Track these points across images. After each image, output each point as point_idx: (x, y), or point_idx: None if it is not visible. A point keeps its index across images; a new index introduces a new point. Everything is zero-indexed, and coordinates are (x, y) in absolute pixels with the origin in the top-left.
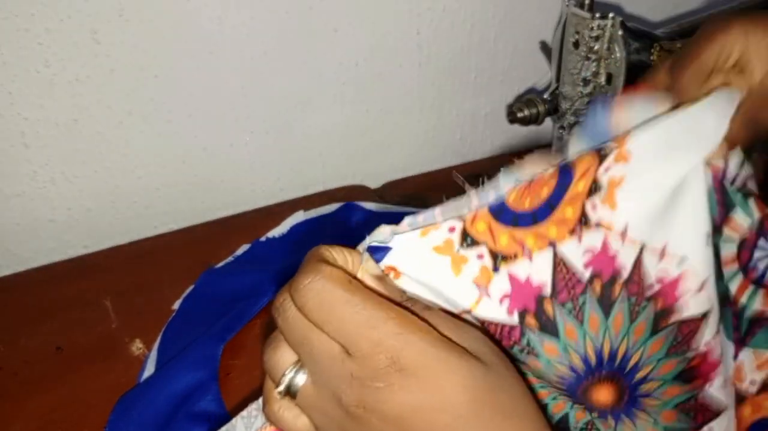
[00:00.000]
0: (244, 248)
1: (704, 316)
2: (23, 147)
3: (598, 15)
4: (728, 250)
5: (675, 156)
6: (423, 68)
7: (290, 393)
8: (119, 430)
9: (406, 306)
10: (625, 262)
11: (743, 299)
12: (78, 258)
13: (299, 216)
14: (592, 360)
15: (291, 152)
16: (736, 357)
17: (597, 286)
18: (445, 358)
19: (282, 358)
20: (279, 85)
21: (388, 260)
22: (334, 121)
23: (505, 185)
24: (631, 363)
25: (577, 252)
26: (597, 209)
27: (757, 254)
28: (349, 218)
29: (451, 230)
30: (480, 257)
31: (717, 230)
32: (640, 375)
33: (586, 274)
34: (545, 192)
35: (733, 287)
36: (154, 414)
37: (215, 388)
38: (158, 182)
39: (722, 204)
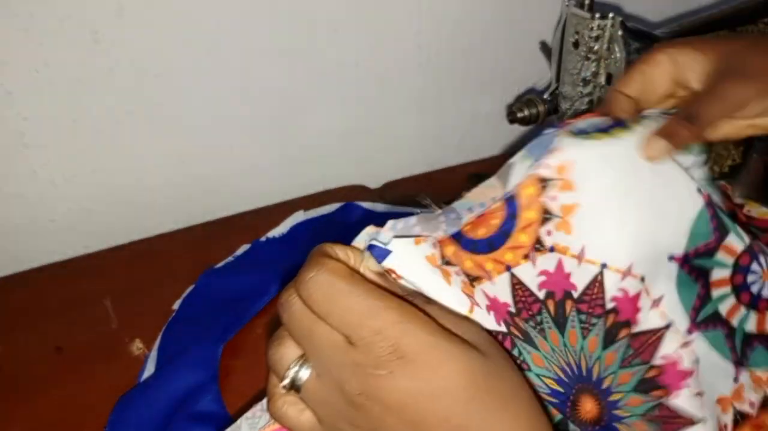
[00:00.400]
0: (244, 248)
1: (661, 330)
2: (23, 147)
3: (598, 15)
4: (721, 273)
5: (620, 185)
6: (423, 68)
7: (294, 387)
8: (119, 430)
9: (407, 299)
10: (579, 281)
11: (734, 321)
12: (78, 258)
13: (299, 216)
14: (568, 371)
15: (291, 152)
16: (737, 379)
17: (551, 305)
18: (444, 346)
19: (286, 353)
20: (279, 85)
21: (388, 263)
22: (334, 121)
23: (461, 212)
24: (595, 374)
25: (531, 274)
26: (552, 235)
27: (750, 277)
28: (349, 218)
29: (434, 245)
30: (458, 273)
31: (710, 252)
32: (605, 385)
33: (541, 294)
34: (497, 222)
35: (724, 308)
36: (154, 414)
37: (215, 388)
38: (158, 182)
39: (717, 229)
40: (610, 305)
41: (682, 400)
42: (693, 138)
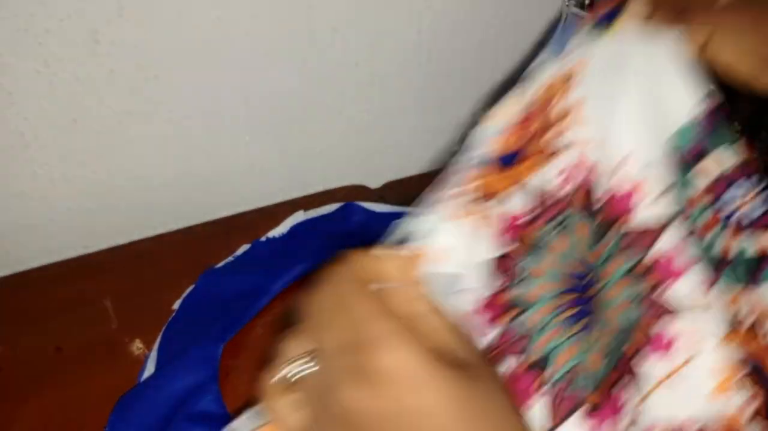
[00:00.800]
0: (244, 248)
1: (655, 226)
2: (23, 147)
3: None
4: (699, 185)
5: (627, 71)
6: (423, 68)
7: (285, 381)
8: (119, 430)
9: (411, 312)
10: (582, 176)
11: (708, 237)
12: (78, 258)
13: (299, 216)
14: (574, 276)
15: (291, 152)
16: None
17: (577, 200)
18: (429, 367)
19: (292, 347)
20: (279, 85)
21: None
22: (334, 121)
23: (484, 139)
24: (591, 261)
25: (551, 174)
26: (567, 133)
27: (732, 191)
28: (349, 218)
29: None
30: (483, 215)
31: (686, 165)
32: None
33: (564, 191)
34: (515, 137)
35: (699, 223)
36: (154, 414)
37: (215, 388)
38: (158, 182)
39: (702, 140)
40: (599, 204)
41: (670, 292)
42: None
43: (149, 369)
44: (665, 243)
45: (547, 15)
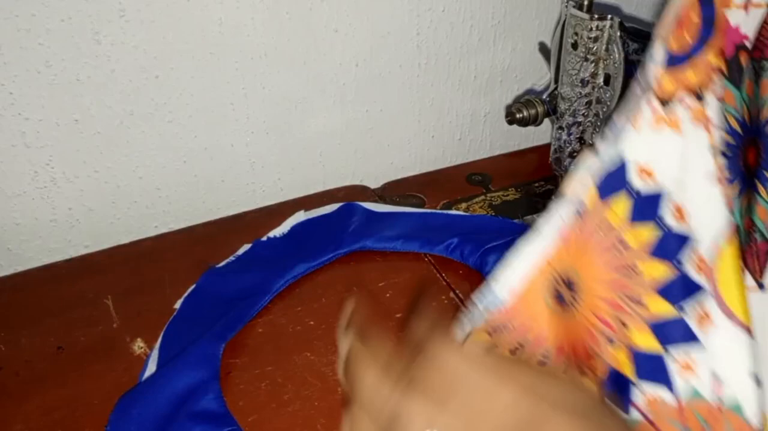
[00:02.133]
0: (245, 247)
1: None
2: (24, 147)
3: (596, 16)
4: None
5: None
6: (423, 68)
7: None
8: (120, 429)
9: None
10: (750, 26)
11: None
12: (79, 258)
13: (300, 216)
14: (753, 120)
15: (291, 152)
16: None
17: (723, 64)
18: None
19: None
20: (279, 86)
21: (634, 164)
22: (334, 121)
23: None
24: (764, 118)
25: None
26: None
27: None
28: (349, 218)
29: (649, 104)
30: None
31: None
32: None
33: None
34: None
35: None
36: (155, 413)
37: (216, 387)
38: (159, 181)
39: None
40: None
41: None
42: None
43: (150, 368)
44: None
45: (547, 16)
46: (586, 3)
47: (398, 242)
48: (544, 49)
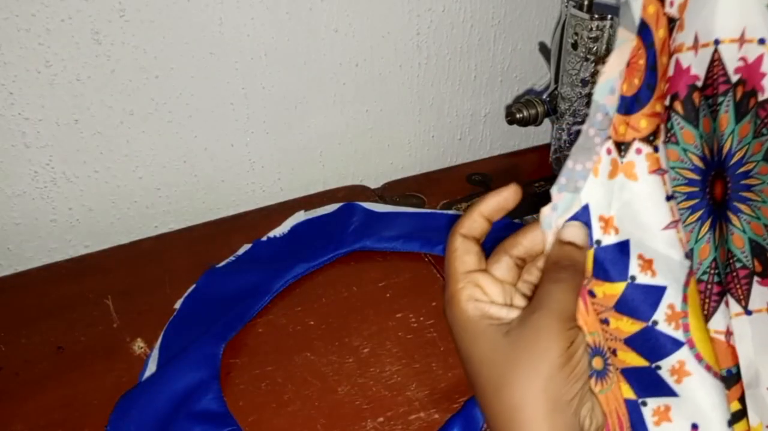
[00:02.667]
0: (245, 247)
1: None
2: (24, 147)
3: (596, 16)
4: None
5: None
6: (423, 68)
7: None
8: (120, 429)
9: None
10: (699, 69)
11: None
12: (79, 258)
13: (300, 216)
14: (714, 154)
15: (291, 152)
16: None
17: (677, 106)
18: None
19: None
20: (279, 86)
21: (595, 213)
22: (334, 121)
23: (605, 105)
24: (725, 150)
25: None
26: (673, 38)
27: None
28: (349, 218)
29: (608, 151)
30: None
31: None
32: (736, 158)
33: (734, 78)
34: (642, 63)
35: None
36: (155, 413)
37: (216, 387)
38: (159, 181)
39: None
40: (734, 78)
41: None
42: None
43: (150, 368)
44: None
45: (547, 16)
46: (586, 3)
47: (398, 242)
48: (544, 49)
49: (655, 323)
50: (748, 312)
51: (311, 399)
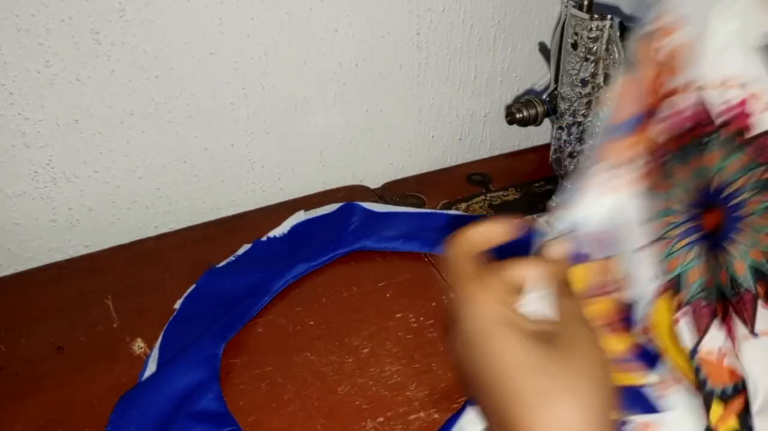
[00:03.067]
0: (245, 247)
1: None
2: (24, 147)
3: (596, 16)
4: None
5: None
6: (423, 68)
7: None
8: (120, 429)
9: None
10: (687, 110)
11: None
12: (79, 258)
13: (300, 216)
14: (704, 190)
15: (291, 152)
16: None
17: (671, 144)
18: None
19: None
20: (279, 86)
21: (585, 228)
22: (334, 121)
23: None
24: (715, 185)
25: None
26: (666, 81)
27: None
28: (349, 218)
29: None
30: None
31: None
32: (727, 192)
33: (719, 120)
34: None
35: None
36: (155, 412)
37: (216, 387)
38: (159, 182)
39: None
40: (719, 120)
41: None
42: None
43: (150, 367)
44: None
45: (547, 16)
46: (586, 3)
47: (398, 242)
48: (544, 49)
49: (640, 337)
50: (755, 334)
51: (311, 399)
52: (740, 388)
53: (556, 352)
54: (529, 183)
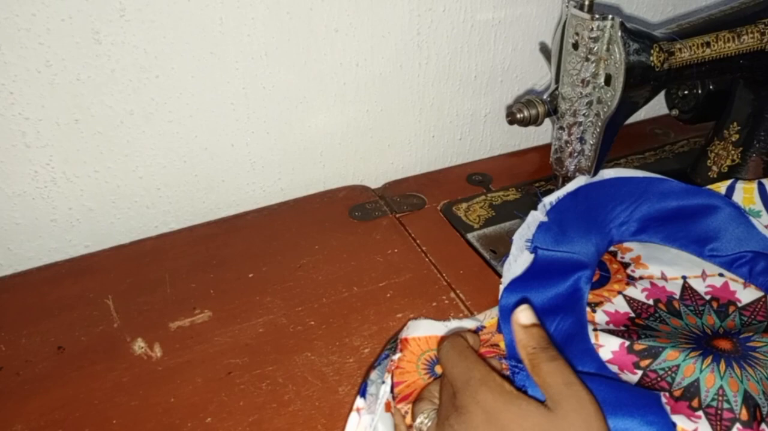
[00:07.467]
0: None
1: (762, 298)
2: (24, 147)
3: (597, 16)
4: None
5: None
6: (423, 68)
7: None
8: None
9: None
10: (674, 289)
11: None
12: (79, 258)
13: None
14: (698, 334)
15: (291, 152)
16: None
17: (662, 305)
18: (512, 402)
19: (419, 406)
20: (279, 85)
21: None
22: (334, 121)
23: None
24: (722, 332)
25: (637, 292)
26: (636, 271)
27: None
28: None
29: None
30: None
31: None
32: (743, 336)
33: (650, 302)
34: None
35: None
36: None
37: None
38: (159, 181)
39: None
40: (707, 297)
41: None
42: None
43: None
44: None
45: (547, 15)
46: (586, 3)
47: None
48: (544, 49)
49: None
50: None
51: (312, 399)
52: None
53: (574, 414)
54: (529, 183)
